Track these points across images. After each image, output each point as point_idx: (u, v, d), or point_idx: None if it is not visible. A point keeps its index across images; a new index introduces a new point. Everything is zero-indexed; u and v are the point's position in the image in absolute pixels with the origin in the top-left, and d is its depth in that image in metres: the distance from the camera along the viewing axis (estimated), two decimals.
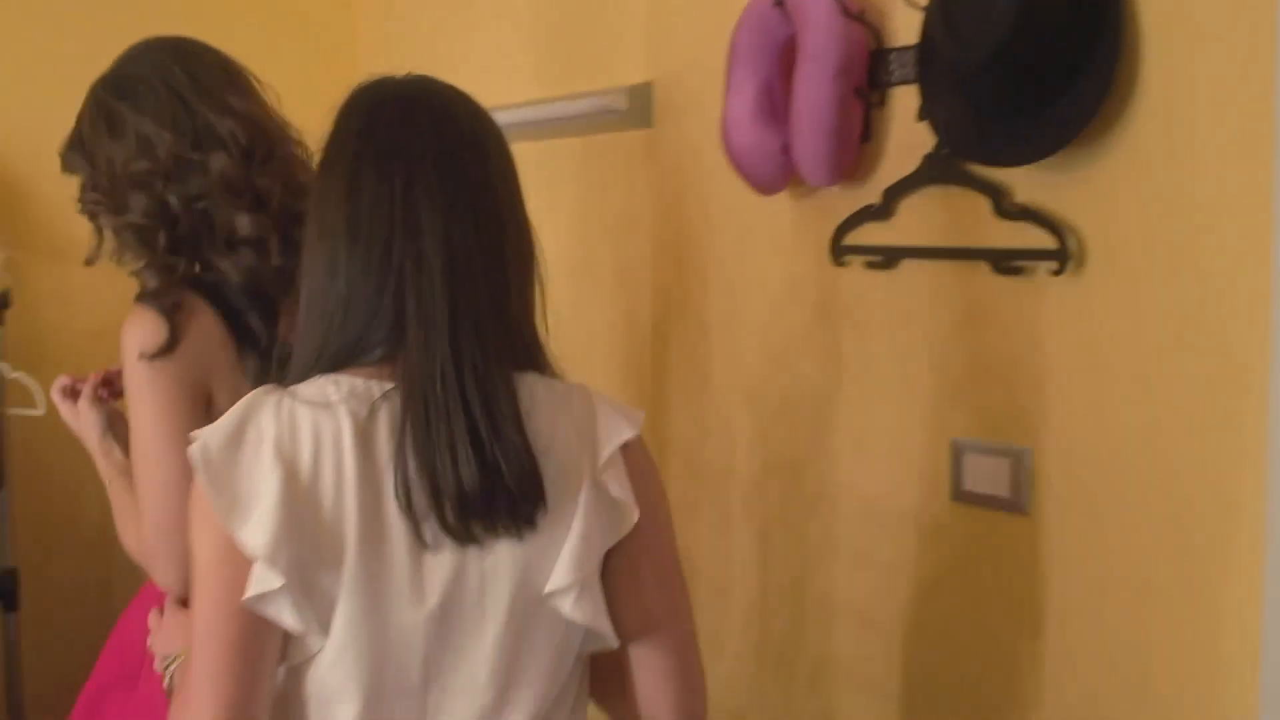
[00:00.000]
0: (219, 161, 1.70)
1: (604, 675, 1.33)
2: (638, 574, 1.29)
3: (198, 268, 1.71)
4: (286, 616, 1.18)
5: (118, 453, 1.78)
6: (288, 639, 1.20)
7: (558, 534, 1.22)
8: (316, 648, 1.20)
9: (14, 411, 2.73)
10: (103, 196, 1.73)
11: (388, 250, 1.22)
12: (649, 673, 1.31)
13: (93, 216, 1.78)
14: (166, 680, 1.53)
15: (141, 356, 1.61)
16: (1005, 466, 1.72)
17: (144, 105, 1.71)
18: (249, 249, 1.70)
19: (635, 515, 1.26)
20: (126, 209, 1.70)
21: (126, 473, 1.73)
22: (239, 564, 1.18)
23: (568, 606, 1.23)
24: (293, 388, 1.23)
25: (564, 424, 1.25)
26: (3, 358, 2.72)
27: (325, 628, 1.20)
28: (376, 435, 1.20)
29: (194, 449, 1.20)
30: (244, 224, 1.68)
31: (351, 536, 1.18)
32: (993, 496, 1.74)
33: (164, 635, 1.59)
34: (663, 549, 1.32)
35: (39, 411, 2.65)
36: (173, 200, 1.69)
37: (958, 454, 1.79)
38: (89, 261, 1.81)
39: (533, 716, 1.25)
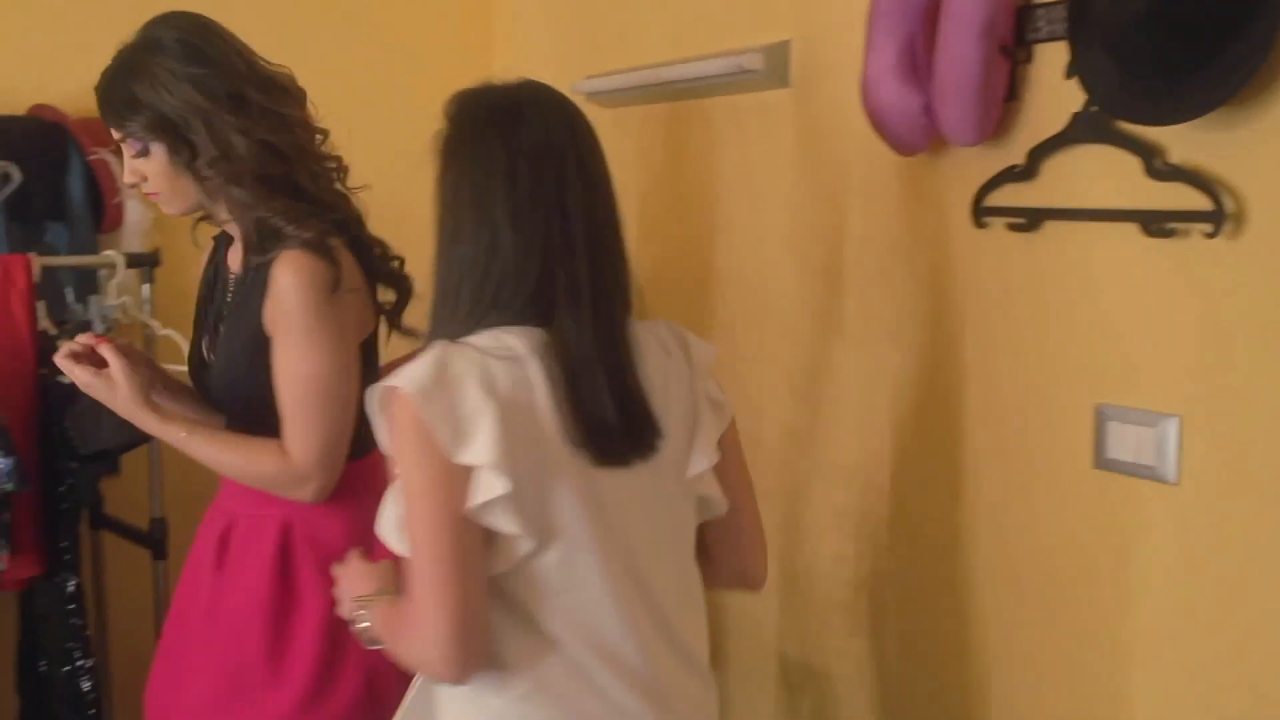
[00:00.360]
0: (293, 111, 1.97)
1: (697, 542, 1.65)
2: (728, 458, 1.63)
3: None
4: (506, 522, 1.44)
5: (174, 407, 1.96)
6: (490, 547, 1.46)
7: (682, 440, 1.56)
8: (524, 551, 1.47)
9: (164, 367, 2.83)
10: (220, 157, 1.86)
11: (546, 234, 1.49)
12: (737, 533, 1.67)
13: (211, 180, 1.89)
14: (359, 624, 1.62)
15: (314, 295, 1.83)
16: (1151, 434, 1.68)
17: (219, 64, 1.89)
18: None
19: (732, 410, 1.63)
20: (243, 160, 1.86)
21: (196, 421, 1.95)
22: (455, 485, 1.43)
23: (704, 484, 1.59)
24: (467, 340, 1.48)
25: (666, 358, 1.58)
26: (152, 315, 2.81)
27: (538, 532, 1.46)
28: (545, 379, 1.47)
29: (407, 388, 1.43)
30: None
31: (554, 456, 1.47)
32: (1137, 465, 1.70)
33: (351, 582, 1.70)
34: (737, 439, 1.68)
35: (184, 368, 2.74)
36: (280, 144, 1.90)
37: (1101, 420, 1.75)
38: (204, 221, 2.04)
39: (690, 566, 1.63)
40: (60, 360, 1.93)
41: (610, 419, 1.48)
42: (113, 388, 1.90)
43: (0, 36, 2.87)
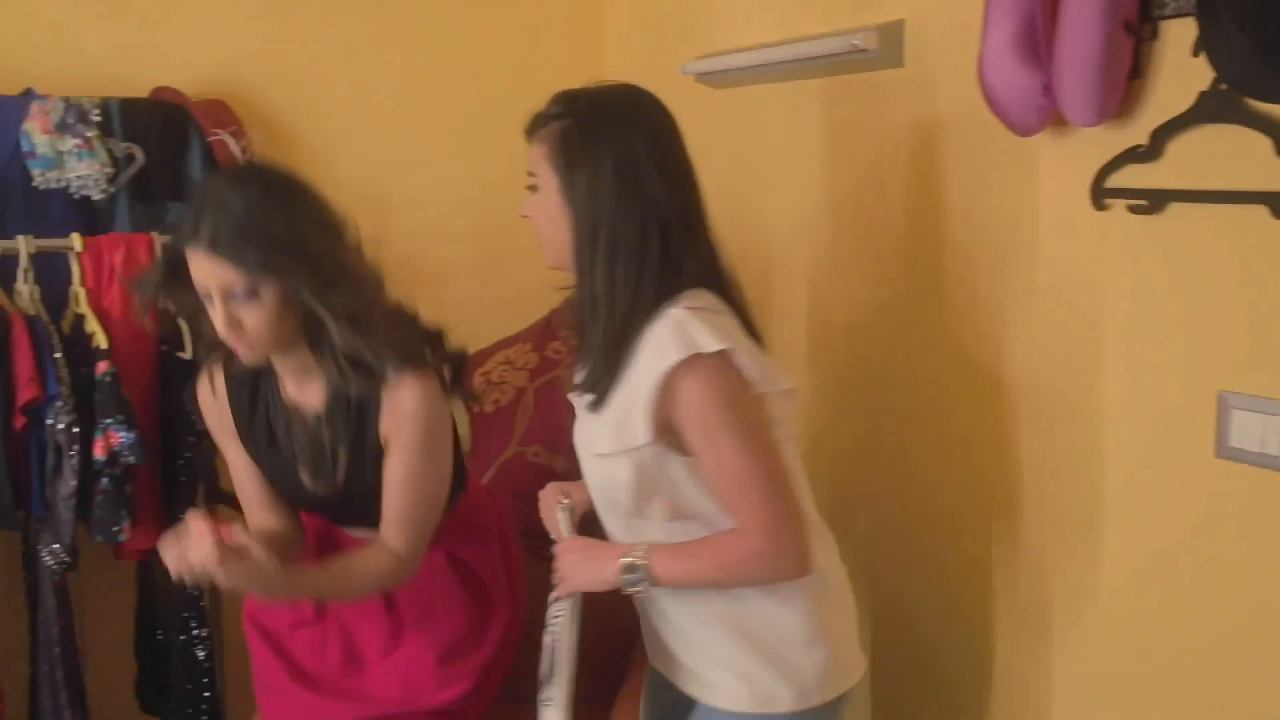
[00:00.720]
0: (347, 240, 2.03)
1: None
2: None
3: None
4: (786, 412, 1.82)
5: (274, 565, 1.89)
6: None
7: None
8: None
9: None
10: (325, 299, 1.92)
11: (695, 214, 1.81)
12: None
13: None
14: (634, 579, 1.79)
15: (434, 410, 2.03)
16: (1276, 423, 1.63)
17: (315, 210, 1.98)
18: None
19: None
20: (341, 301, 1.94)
21: (302, 569, 2.05)
22: (765, 414, 1.76)
23: None
24: (694, 306, 1.74)
25: None
26: None
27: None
28: (740, 328, 1.82)
29: (741, 360, 1.72)
30: None
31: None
32: (1262, 454, 1.65)
33: (585, 553, 1.88)
34: None
35: None
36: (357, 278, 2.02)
37: (1224, 408, 1.70)
38: None
39: None
40: (200, 557, 1.78)
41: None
42: (260, 567, 1.83)
43: (123, 22, 2.95)
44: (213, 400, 2.15)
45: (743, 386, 1.73)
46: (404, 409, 1.99)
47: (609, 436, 1.78)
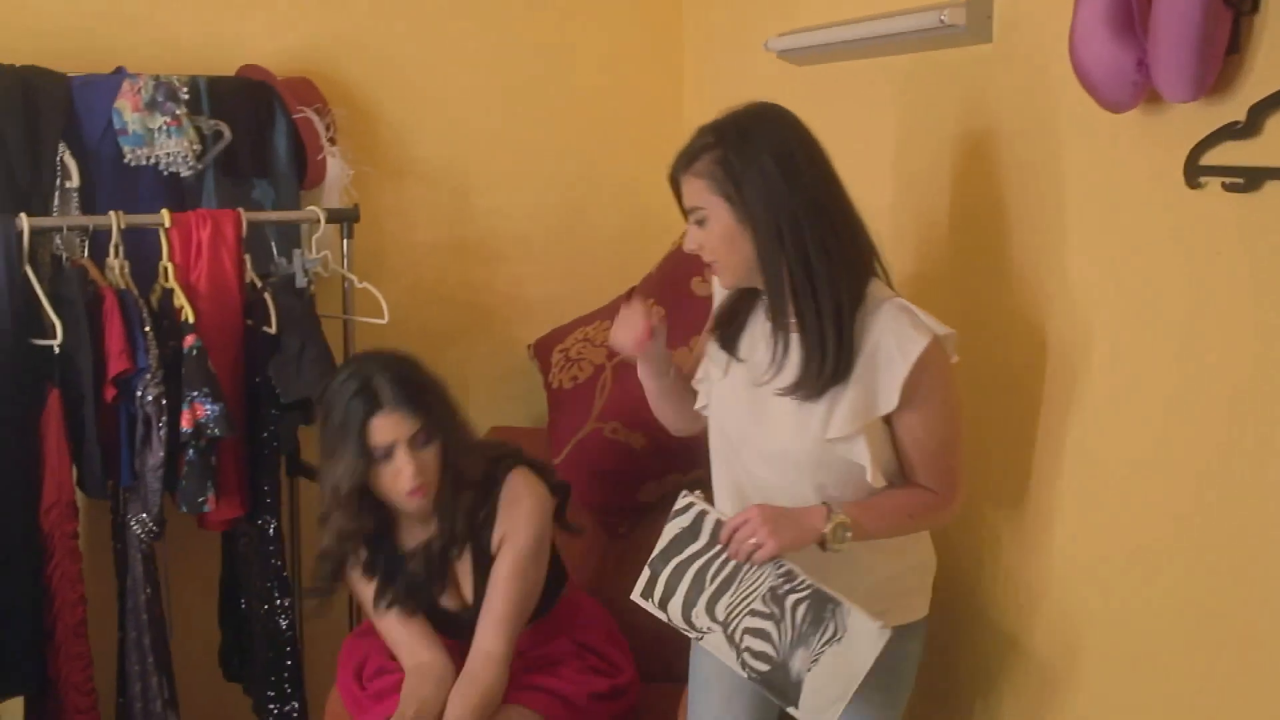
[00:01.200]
0: None
1: None
2: None
3: None
4: None
5: None
6: None
7: None
8: None
9: (360, 319, 2.92)
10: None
11: (848, 201, 2.01)
12: None
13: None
14: (838, 536, 1.95)
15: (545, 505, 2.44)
16: None
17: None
18: None
19: None
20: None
21: None
22: None
23: None
24: (894, 298, 1.99)
25: None
26: (350, 269, 2.89)
27: None
28: None
29: (950, 344, 1.99)
30: None
31: None
32: None
33: (784, 520, 1.97)
34: None
35: (383, 320, 2.82)
36: None
37: None
38: None
39: None
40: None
41: None
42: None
43: (211, 1, 2.98)
44: (365, 585, 2.43)
45: (953, 366, 2.01)
46: (519, 499, 2.35)
47: (846, 418, 1.96)
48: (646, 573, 2.08)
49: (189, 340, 2.54)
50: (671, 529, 2.07)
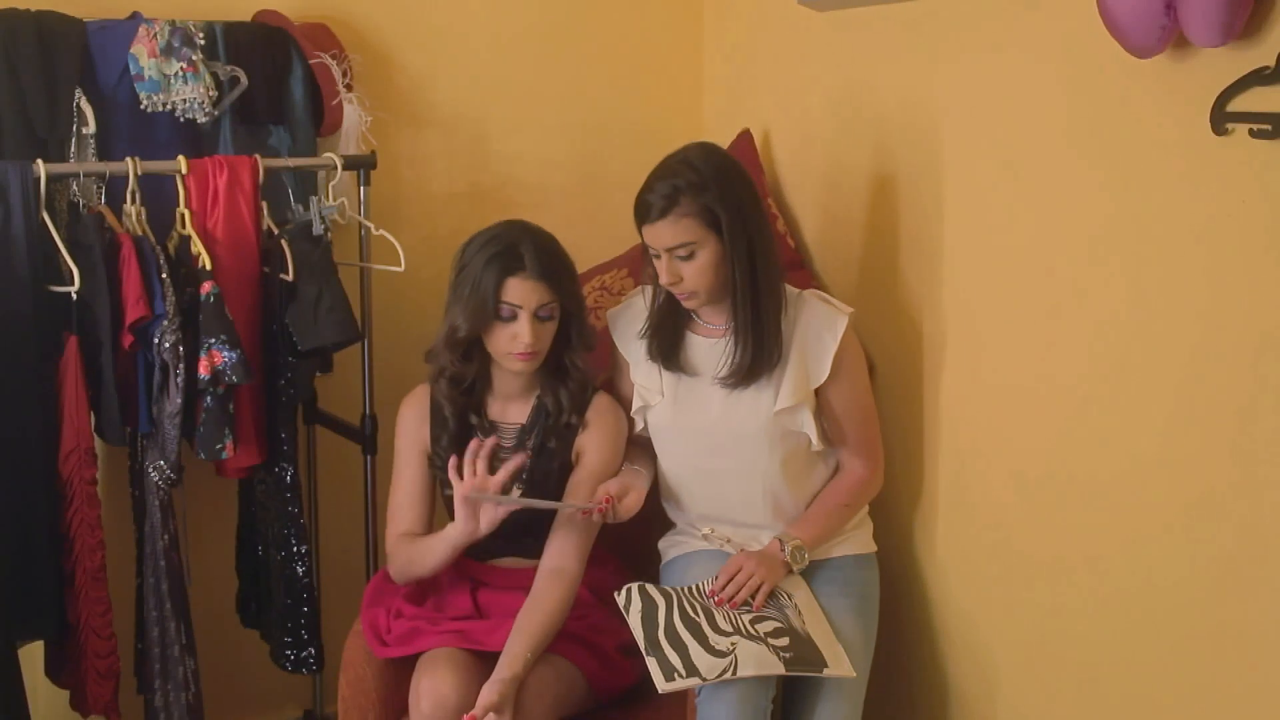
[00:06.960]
0: None
1: None
2: None
3: None
4: None
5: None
6: None
7: None
8: None
9: (376, 267, 2.91)
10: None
11: None
12: None
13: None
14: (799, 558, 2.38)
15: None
16: None
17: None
18: None
19: None
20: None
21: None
22: None
23: None
24: (808, 290, 2.44)
25: None
26: (367, 216, 2.88)
27: None
28: None
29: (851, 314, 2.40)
30: None
31: None
32: None
33: (764, 566, 2.34)
34: None
35: (399, 268, 2.81)
36: None
37: None
38: None
39: None
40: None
41: None
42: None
43: None
44: (414, 417, 2.52)
45: None
46: (607, 416, 2.48)
47: (790, 389, 2.33)
48: (653, 661, 2.17)
49: (206, 287, 2.53)
50: (635, 619, 2.25)
